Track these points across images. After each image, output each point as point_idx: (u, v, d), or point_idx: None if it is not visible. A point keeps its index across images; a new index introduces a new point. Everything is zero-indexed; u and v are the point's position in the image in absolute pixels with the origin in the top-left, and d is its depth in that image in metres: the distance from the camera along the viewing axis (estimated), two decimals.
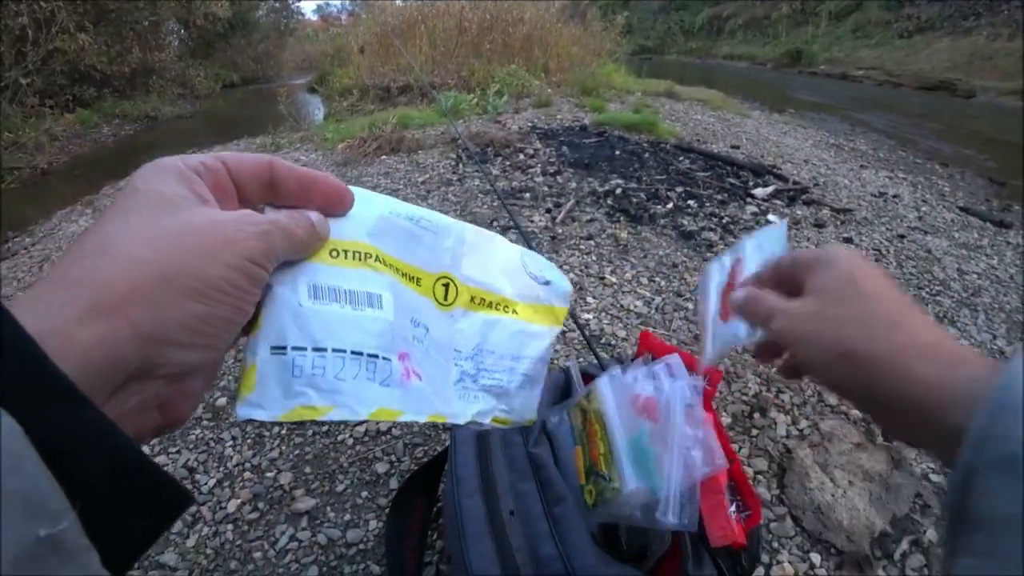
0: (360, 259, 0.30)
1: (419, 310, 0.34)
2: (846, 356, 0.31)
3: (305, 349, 0.27)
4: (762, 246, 0.43)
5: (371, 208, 0.32)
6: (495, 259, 0.39)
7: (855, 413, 1.61)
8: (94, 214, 3.67)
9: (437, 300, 0.35)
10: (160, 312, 0.21)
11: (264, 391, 0.26)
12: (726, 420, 1.55)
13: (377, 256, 0.31)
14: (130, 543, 0.19)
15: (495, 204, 3.03)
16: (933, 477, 1.43)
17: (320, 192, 0.29)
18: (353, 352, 0.28)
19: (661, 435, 0.75)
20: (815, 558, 1.23)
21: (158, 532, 0.20)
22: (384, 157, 4.14)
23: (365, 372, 0.29)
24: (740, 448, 1.47)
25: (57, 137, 7.15)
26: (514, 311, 0.40)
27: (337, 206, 0.30)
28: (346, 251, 0.30)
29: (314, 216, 0.28)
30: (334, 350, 0.28)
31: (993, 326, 2.27)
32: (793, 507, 1.33)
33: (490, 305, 0.38)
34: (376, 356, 0.29)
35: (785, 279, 0.38)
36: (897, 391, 0.29)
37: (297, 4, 23.05)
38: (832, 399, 1.65)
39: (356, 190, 0.31)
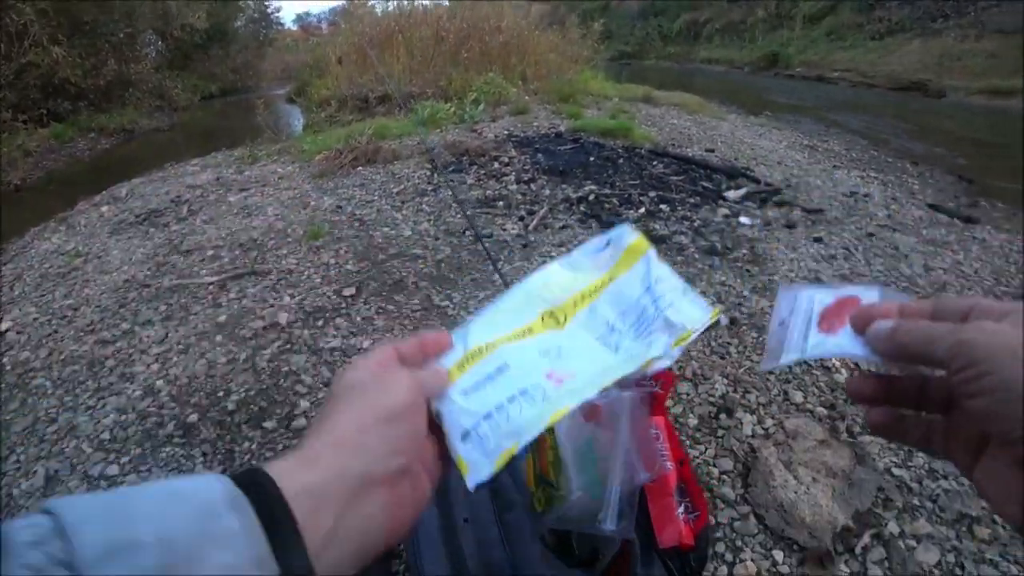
0: (477, 355, 0.41)
1: (544, 343, 0.42)
2: None
3: (479, 423, 0.37)
4: (888, 296, 0.39)
5: (468, 328, 0.43)
6: (562, 277, 0.46)
7: (820, 411, 1.64)
8: (68, 231, 3.64)
9: (554, 327, 0.43)
10: (368, 436, 0.32)
11: (475, 465, 0.36)
12: (693, 422, 1.57)
13: (486, 346, 0.41)
14: None
15: (468, 213, 3.05)
16: (895, 471, 1.46)
17: (431, 346, 0.41)
18: (508, 399, 0.38)
19: (606, 441, 0.77)
20: (777, 555, 1.25)
21: None
22: (360, 168, 4.15)
23: (526, 403, 0.38)
24: (706, 449, 1.49)
25: (31, 152, 7.07)
26: (610, 279, 0.45)
27: (443, 347, 0.41)
28: (466, 360, 0.41)
29: (435, 365, 0.41)
30: (496, 408, 0.38)
31: None
32: (756, 506, 1.35)
33: (593, 293, 0.44)
34: (526, 390, 0.39)
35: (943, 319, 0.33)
36: None
37: (276, 15, 22.97)
38: (798, 397, 1.68)
39: (455, 332, 0.42)
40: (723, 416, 1.60)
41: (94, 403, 1.82)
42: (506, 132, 5.03)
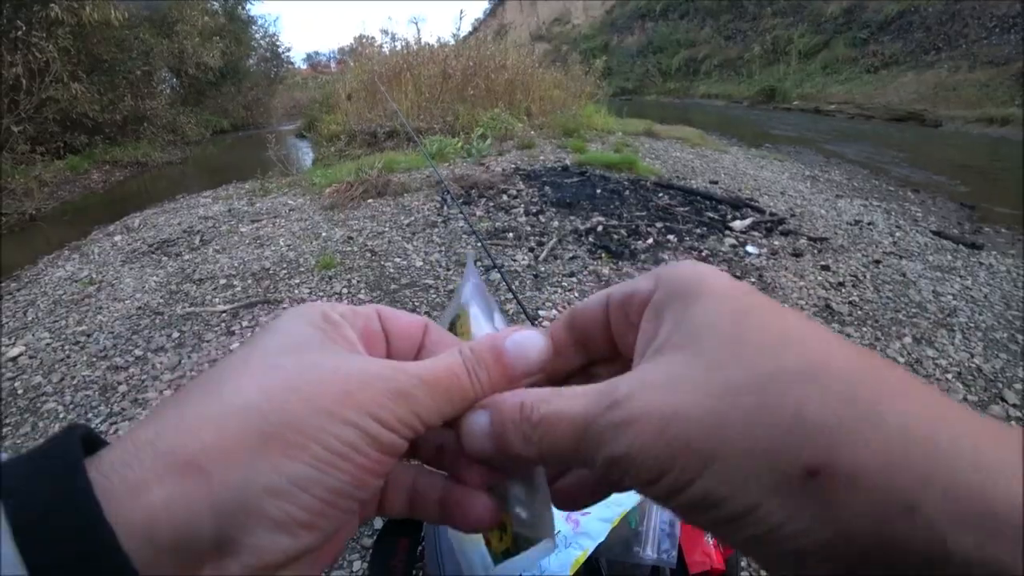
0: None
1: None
2: (819, 473, 0.14)
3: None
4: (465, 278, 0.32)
5: None
6: None
7: None
8: (81, 259, 3.69)
9: None
10: (249, 471, 0.16)
11: None
12: None
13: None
14: None
15: (478, 245, 3.09)
16: None
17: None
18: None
19: None
20: None
21: None
22: (370, 201, 4.22)
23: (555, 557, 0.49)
24: None
25: (47, 183, 7.22)
26: None
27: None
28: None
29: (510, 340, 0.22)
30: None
31: (970, 344, 2.32)
32: None
33: None
34: (557, 544, 0.43)
35: (594, 341, 0.24)
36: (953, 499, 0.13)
37: (287, 54, 23.68)
38: None
39: None
40: None
41: (106, 428, 1.82)
42: (513, 166, 5.12)
